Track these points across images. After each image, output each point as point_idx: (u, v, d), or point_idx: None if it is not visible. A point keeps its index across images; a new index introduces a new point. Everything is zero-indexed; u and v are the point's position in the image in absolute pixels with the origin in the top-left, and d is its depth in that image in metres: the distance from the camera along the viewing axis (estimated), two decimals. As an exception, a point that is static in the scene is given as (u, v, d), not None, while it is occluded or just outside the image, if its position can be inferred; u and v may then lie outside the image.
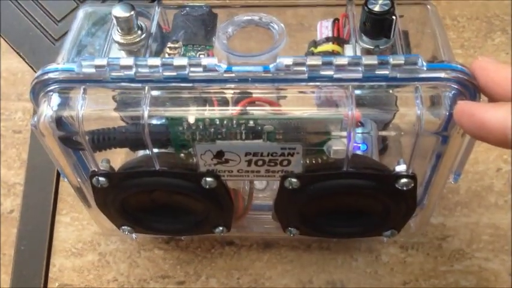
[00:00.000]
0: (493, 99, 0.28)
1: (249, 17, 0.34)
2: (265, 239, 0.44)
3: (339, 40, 0.33)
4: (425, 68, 0.29)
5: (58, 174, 0.46)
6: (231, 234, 0.42)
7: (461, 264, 0.42)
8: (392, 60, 0.28)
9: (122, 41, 0.32)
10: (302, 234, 0.38)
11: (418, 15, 0.35)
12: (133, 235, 0.40)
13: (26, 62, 0.51)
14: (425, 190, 0.36)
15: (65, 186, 0.46)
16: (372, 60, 0.29)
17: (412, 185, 0.32)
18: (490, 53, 0.49)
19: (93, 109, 0.30)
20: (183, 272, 0.43)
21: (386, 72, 0.29)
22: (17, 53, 0.52)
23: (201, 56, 0.33)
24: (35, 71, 0.51)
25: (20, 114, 0.49)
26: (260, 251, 0.43)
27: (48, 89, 0.31)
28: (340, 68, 0.29)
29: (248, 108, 0.30)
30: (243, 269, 0.43)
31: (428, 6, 0.34)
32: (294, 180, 0.32)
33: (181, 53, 0.33)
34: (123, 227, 0.38)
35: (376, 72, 0.29)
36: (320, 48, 0.33)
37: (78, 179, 0.36)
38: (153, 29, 0.33)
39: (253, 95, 0.30)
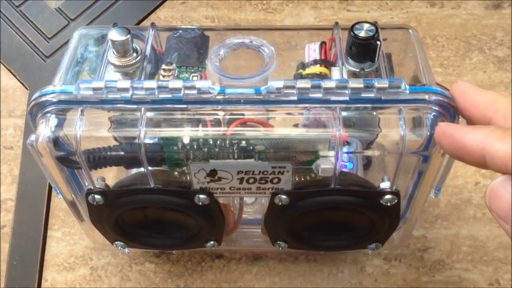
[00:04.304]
0: (471, 121, 0.29)
1: (240, 40, 0.36)
2: (253, 252, 0.45)
3: (326, 63, 0.35)
4: (408, 91, 0.30)
5: (49, 190, 0.47)
6: (221, 248, 0.43)
7: (442, 275, 0.44)
8: (377, 83, 0.30)
9: (117, 63, 0.33)
10: (290, 248, 0.39)
11: (401, 37, 0.36)
12: (126, 250, 0.41)
13: (17, 78, 0.52)
14: (408, 204, 0.37)
15: (57, 202, 0.47)
16: (358, 83, 0.30)
17: (396, 201, 0.33)
18: (468, 71, 0.51)
19: (90, 129, 0.31)
20: (174, 285, 0.44)
21: (372, 95, 0.30)
22: (8, 69, 0.52)
23: (194, 77, 0.34)
24: (26, 88, 0.51)
25: (11, 131, 0.50)
26: (249, 264, 0.45)
27: (46, 110, 0.31)
28: (328, 90, 0.30)
29: (240, 128, 0.31)
30: (232, 282, 0.44)
31: (410, 31, 0.36)
32: (283, 197, 0.34)
33: (175, 74, 0.34)
34: (116, 242, 0.39)
35: (362, 95, 0.30)
36: (308, 71, 0.34)
37: (72, 195, 0.37)
38: (148, 51, 0.34)
39: (245, 116, 0.31)
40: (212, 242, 0.39)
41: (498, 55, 0.52)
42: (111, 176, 0.37)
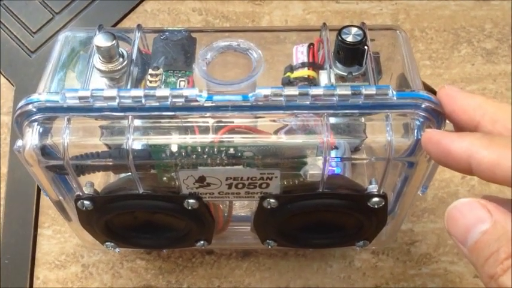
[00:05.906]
0: (458, 125, 0.29)
1: (227, 43, 0.35)
2: (244, 247, 0.45)
3: (314, 65, 0.34)
4: (395, 98, 0.30)
5: (39, 188, 0.47)
6: (211, 246, 0.43)
7: (429, 268, 0.45)
8: (364, 90, 0.30)
9: (103, 68, 0.33)
10: (280, 246, 0.40)
11: (390, 34, 0.36)
12: (117, 249, 0.41)
13: (2, 74, 0.51)
14: (397, 199, 0.38)
15: (46, 200, 0.46)
16: (346, 90, 0.30)
17: (383, 203, 0.34)
18: (456, 64, 0.51)
19: (78, 138, 0.31)
20: (165, 281, 0.44)
21: (359, 101, 0.30)
22: (-7, 65, 0.51)
23: (181, 83, 0.34)
24: (12, 84, 0.51)
25: (-2, 128, 0.50)
26: (239, 259, 0.45)
27: (32, 118, 0.31)
28: (315, 98, 0.30)
29: (228, 135, 0.31)
30: (223, 277, 0.45)
31: (398, 32, 0.35)
32: (272, 200, 0.34)
33: (162, 79, 0.34)
34: (106, 243, 0.39)
35: (350, 101, 0.30)
36: (296, 74, 0.34)
37: (60, 197, 0.37)
38: (134, 55, 0.34)
39: (234, 123, 0.31)
40: (202, 242, 0.39)
41: (486, 47, 0.52)
42: (101, 174, 0.37)
